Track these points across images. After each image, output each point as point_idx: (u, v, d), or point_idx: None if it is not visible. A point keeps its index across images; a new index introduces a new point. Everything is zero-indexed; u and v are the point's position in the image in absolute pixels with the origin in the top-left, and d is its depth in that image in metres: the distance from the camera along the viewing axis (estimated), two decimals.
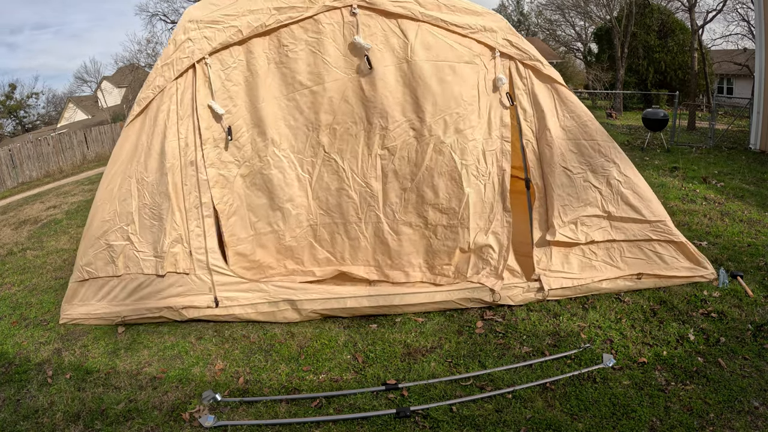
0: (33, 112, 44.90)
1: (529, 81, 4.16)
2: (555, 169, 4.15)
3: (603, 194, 4.17)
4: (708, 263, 4.36)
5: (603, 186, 4.17)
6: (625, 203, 4.17)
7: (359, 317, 4.23)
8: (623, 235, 4.22)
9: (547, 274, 4.22)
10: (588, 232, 4.19)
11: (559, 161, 4.14)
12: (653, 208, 4.20)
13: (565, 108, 4.18)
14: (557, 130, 4.15)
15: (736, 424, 2.80)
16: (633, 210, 4.17)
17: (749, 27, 23.52)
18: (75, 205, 10.09)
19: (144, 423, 3.17)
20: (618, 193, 4.16)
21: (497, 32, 4.11)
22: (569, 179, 4.16)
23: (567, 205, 4.17)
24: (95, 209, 4.34)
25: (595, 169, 4.16)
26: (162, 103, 4.09)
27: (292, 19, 3.99)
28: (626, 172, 4.18)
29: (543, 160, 4.21)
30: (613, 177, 4.16)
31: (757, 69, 10.84)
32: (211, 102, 4.08)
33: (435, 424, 2.98)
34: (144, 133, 4.17)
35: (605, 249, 4.27)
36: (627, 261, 4.27)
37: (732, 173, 8.39)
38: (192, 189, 4.14)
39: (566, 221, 4.17)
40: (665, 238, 4.21)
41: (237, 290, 4.21)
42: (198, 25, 3.99)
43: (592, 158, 4.16)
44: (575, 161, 4.16)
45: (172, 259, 4.16)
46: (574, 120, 4.16)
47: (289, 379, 3.53)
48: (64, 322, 4.49)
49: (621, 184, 4.16)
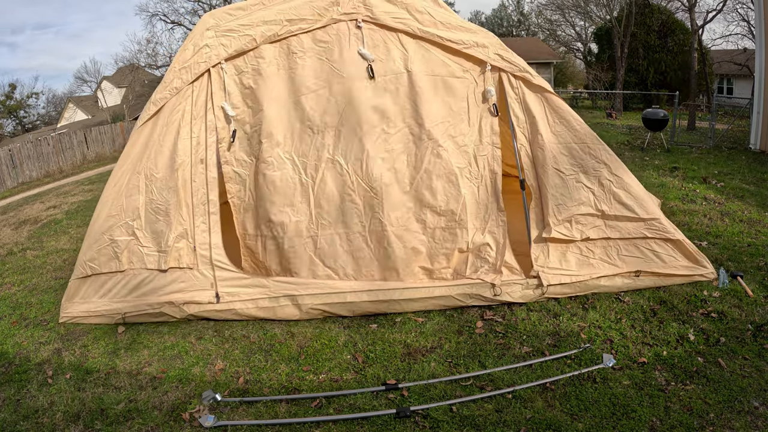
0: (33, 112, 44.97)
1: (520, 90, 4.40)
2: (548, 171, 4.33)
3: (595, 194, 4.32)
4: (707, 262, 4.38)
5: (595, 186, 4.33)
6: (617, 202, 4.30)
7: (359, 317, 4.24)
8: (618, 233, 4.31)
9: (545, 271, 4.28)
10: (583, 229, 4.31)
11: (552, 163, 4.33)
12: (646, 206, 4.32)
13: (555, 114, 4.39)
14: (548, 135, 4.36)
15: (736, 424, 2.80)
16: (626, 208, 4.29)
17: (749, 27, 23.54)
18: (75, 205, 10.10)
19: (144, 423, 3.17)
20: (610, 192, 4.31)
21: (489, 47, 4.39)
22: (561, 180, 4.33)
23: (561, 204, 4.32)
24: (102, 205, 4.45)
25: (587, 170, 4.34)
26: (177, 104, 4.34)
27: (302, 30, 4.31)
28: (617, 172, 4.34)
29: (536, 162, 4.39)
30: (604, 177, 4.33)
31: (757, 69, 10.84)
32: (224, 104, 4.31)
33: (435, 424, 2.98)
34: (156, 132, 4.36)
35: (602, 247, 4.35)
36: (624, 259, 4.33)
37: (732, 173, 8.39)
38: (200, 186, 4.30)
39: (561, 219, 4.29)
40: (661, 236, 4.30)
41: (238, 285, 4.27)
42: (215, 33, 4.34)
43: (583, 160, 4.34)
44: (567, 163, 4.34)
45: (176, 254, 4.25)
46: (564, 125, 4.38)
47: (289, 379, 3.53)
48: (65, 320, 4.50)
49: (612, 183, 4.31)
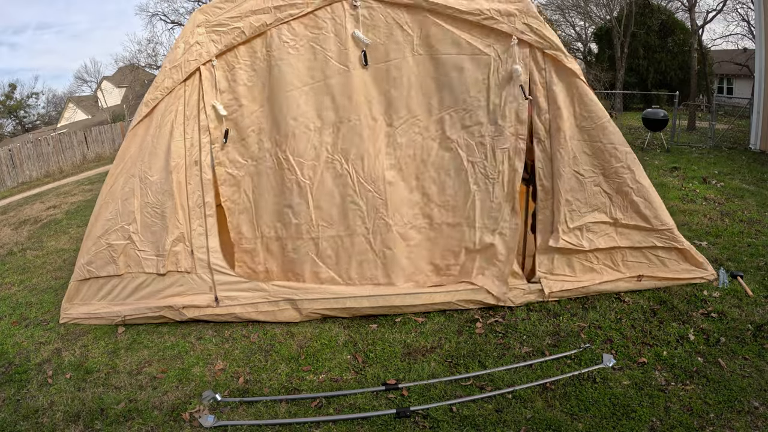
0: (33, 112, 44.93)
1: (548, 73, 3.87)
2: (566, 172, 3.97)
3: (613, 200, 4.04)
4: (708, 265, 4.36)
5: (614, 192, 4.03)
6: (634, 211, 4.05)
7: (359, 317, 4.23)
8: (628, 242, 4.15)
9: (548, 278, 4.19)
10: (593, 238, 4.09)
11: (571, 164, 3.96)
12: (661, 216, 4.09)
13: (583, 106, 3.90)
14: (573, 130, 3.92)
15: (736, 424, 2.80)
16: (641, 218, 4.06)
17: (749, 27, 23.51)
18: (75, 205, 10.09)
19: (144, 423, 3.17)
20: (629, 201, 4.03)
21: (516, 16, 3.76)
22: (580, 183, 4.00)
23: (575, 211, 4.03)
24: (98, 209, 4.36)
25: (608, 174, 3.99)
26: (170, 104, 4.13)
27: (292, 16, 3.97)
28: (640, 179, 4.02)
29: (554, 161, 4.01)
30: (626, 184, 3.99)
31: (757, 69, 10.84)
32: (215, 102, 4.11)
33: (435, 424, 2.98)
34: (150, 134, 4.19)
35: (608, 253, 4.21)
36: (628, 264, 4.23)
37: (732, 173, 8.39)
38: (195, 188, 4.16)
39: (572, 227, 4.06)
40: (670, 245, 4.16)
41: (238, 289, 4.21)
42: (206, 29, 4.06)
43: (607, 162, 3.97)
44: (588, 164, 3.98)
45: (173, 258, 4.17)
46: (592, 120, 3.91)
47: (289, 379, 3.52)
48: (65, 321, 4.49)
49: (634, 192, 4.01)
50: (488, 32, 3.86)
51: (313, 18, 3.99)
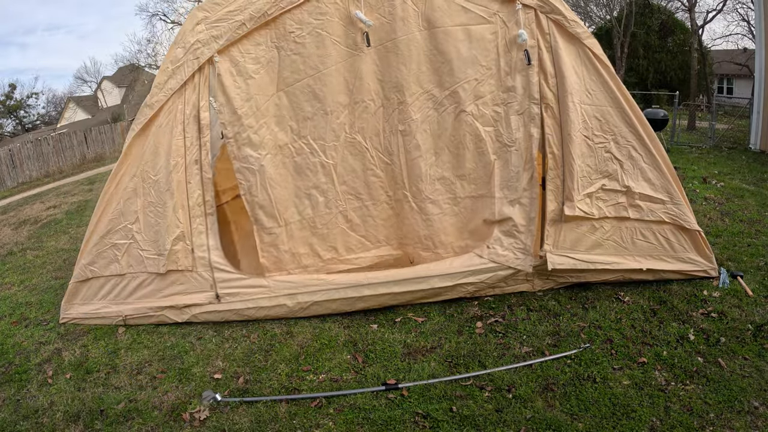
0: (33, 112, 44.95)
1: (552, 38, 3.84)
2: (575, 137, 3.88)
3: (624, 167, 3.97)
4: (713, 259, 4.33)
5: (624, 158, 3.96)
6: (644, 179, 3.97)
7: (359, 317, 4.23)
8: (637, 214, 4.06)
9: (553, 252, 4.09)
10: (602, 206, 4.02)
11: (581, 129, 3.89)
12: (671, 190, 4.04)
13: (592, 70, 3.85)
14: (581, 95, 3.86)
15: (736, 424, 2.80)
16: (651, 188, 3.98)
17: (749, 27, 23.53)
18: (75, 205, 10.10)
19: (144, 423, 3.17)
20: (639, 168, 3.96)
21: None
22: (590, 149, 3.94)
23: (585, 177, 3.96)
24: (100, 209, 4.36)
25: (618, 139, 3.92)
26: (172, 104, 4.12)
27: (293, 3, 3.94)
28: (651, 145, 3.94)
29: (563, 126, 3.91)
30: (635, 149, 3.91)
31: (757, 69, 10.84)
32: (211, 99, 4.13)
33: (435, 424, 2.98)
34: (152, 134, 4.19)
35: (617, 227, 4.11)
36: (637, 243, 4.13)
37: (732, 173, 8.39)
38: (196, 187, 4.16)
39: (583, 194, 3.97)
40: (679, 222, 4.07)
41: (238, 286, 4.24)
42: (206, 26, 4.00)
43: (617, 127, 3.90)
44: (598, 129, 3.91)
45: (173, 257, 4.18)
46: (601, 84, 3.85)
47: (289, 379, 3.53)
48: (65, 321, 4.49)
49: (642, 158, 3.94)
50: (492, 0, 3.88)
51: (315, 4, 3.96)
